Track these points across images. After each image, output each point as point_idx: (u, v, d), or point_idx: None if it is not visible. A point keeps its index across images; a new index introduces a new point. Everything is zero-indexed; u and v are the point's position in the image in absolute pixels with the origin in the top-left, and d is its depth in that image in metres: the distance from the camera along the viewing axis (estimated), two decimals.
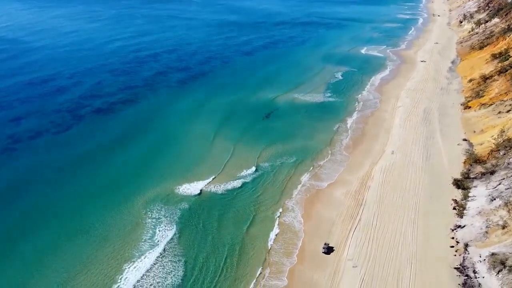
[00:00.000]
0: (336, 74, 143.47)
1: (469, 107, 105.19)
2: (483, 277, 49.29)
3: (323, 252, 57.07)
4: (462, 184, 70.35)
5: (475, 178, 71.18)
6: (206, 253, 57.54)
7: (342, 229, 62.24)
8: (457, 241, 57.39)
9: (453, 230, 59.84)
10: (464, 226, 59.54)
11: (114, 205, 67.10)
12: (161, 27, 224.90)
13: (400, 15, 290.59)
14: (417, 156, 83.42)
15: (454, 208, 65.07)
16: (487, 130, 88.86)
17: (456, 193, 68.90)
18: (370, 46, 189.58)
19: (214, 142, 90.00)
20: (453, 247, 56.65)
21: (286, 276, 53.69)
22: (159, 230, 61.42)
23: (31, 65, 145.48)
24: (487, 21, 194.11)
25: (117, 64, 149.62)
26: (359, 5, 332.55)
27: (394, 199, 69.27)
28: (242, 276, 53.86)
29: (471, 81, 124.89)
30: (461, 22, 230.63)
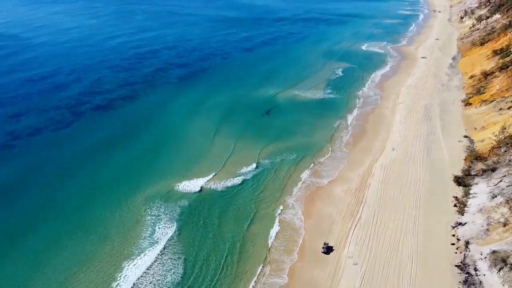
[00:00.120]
0: (337, 71, 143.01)
1: (470, 104, 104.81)
2: (484, 275, 49.13)
3: (323, 252, 56.79)
4: (463, 181, 70.13)
5: (476, 175, 70.93)
6: (207, 251, 57.44)
7: (343, 227, 62.08)
8: (458, 239, 57.19)
9: (454, 228, 59.64)
10: (465, 224, 59.32)
11: (114, 203, 66.94)
12: (161, 23, 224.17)
13: (401, 11, 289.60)
14: (418, 153, 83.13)
15: (455, 205, 64.82)
16: (488, 127, 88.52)
17: (457, 190, 68.65)
18: (371, 43, 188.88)
19: (214, 139, 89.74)
20: (454, 245, 56.46)
21: (287, 274, 53.61)
22: (159, 228, 61.27)
23: (31, 62, 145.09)
24: (488, 17, 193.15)
25: (117, 61, 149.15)
26: (360, 1, 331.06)
27: (395, 196, 69.06)
28: (243, 274, 53.76)
29: (472, 78, 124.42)
30: (462, 18, 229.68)
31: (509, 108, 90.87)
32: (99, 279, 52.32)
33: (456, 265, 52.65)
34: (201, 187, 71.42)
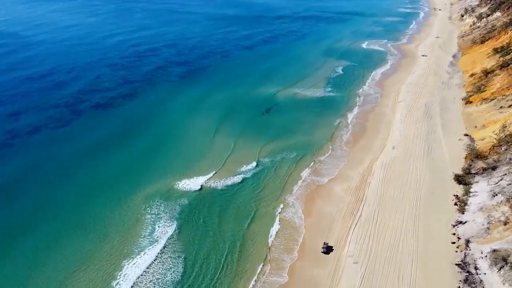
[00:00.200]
0: (337, 69, 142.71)
1: (471, 102, 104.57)
2: (485, 274, 49.03)
3: (322, 252, 56.55)
4: (464, 180, 69.98)
5: (477, 174, 70.79)
6: (207, 249, 57.32)
7: (343, 226, 61.97)
8: (459, 237, 57.09)
9: (455, 226, 59.52)
10: (466, 222, 59.20)
11: (114, 201, 66.79)
12: (161, 21, 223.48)
13: (401, 9, 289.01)
14: (418, 152, 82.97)
15: (456, 204, 64.70)
16: (489, 125, 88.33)
17: (458, 189, 68.52)
18: (371, 40, 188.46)
19: (215, 137, 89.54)
20: (455, 243, 56.35)
21: (287, 273, 53.51)
22: (159, 226, 61.14)
23: (30, 60, 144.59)
24: (489, 15, 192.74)
25: (116, 59, 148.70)
26: None
27: (395, 195, 68.93)
28: (243, 273, 53.68)
29: (473, 76, 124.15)
30: (463, 16, 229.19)
31: (510, 106, 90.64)
32: (99, 278, 52.24)
33: (457, 264, 52.54)
34: (201, 186, 71.27)
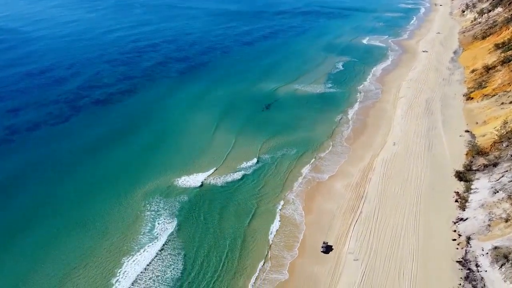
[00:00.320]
0: (337, 65, 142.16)
1: (472, 98, 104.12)
2: (486, 271, 48.87)
3: (322, 251, 55.89)
4: (465, 176, 69.74)
5: (478, 170, 70.52)
6: (207, 247, 57.12)
7: (343, 222, 61.76)
8: (459, 234, 56.89)
9: (455, 223, 59.32)
10: (467, 219, 59.00)
11: (114, 198, 66.57)
12: (161, 17, 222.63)
13: (402, 5, 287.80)
14: (419, 148, 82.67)
15: (456, 201, 64.47)
16: (490, 122, 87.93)
17: (458, 186, 68.29)
18: (372, 36, 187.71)
19: (215, 134, 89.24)
20: (455, 240, 56.16)
21: (287, 270, 53.36)
22: (159, 223, 60.93)
23: (29, 56, 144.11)
24: (490, 11, 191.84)
25: (116, 55, 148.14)
26: None
27: (396, 191, 68.70)
28: (243, 270, 53.50)
29: (474, 72, 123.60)
30: (464, 12, 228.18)
31: (511, 103, 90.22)
32: (99, 275, 52.08)
33: (457, 261, 52.37)
34: (202, 182, 71.01)
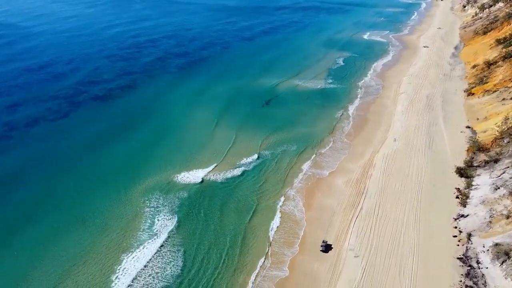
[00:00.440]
0: (338, 60, 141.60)
1: (473, 94, 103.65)
2: (487, 268, 48.68)
3: (321, 251, 55.26)
4: (465, 173, 69.43)
5: (479, 167, 70.21)
6: (207, 243, 56.88)
7: (343, 219, 61.50)
8: (460, 231, 56.66)
9: (456, 220, 59.09)
10: (467, 216, 58.76)
11: (114, 194, 66.34)
12: (160, 12, 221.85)
13: (403, 0, 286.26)
14: (420, 144, 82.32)
15: (457, 197, 64.22)
16: (491, 117, 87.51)
17: (459, 182, 68.01)
18: (373, 31, 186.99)
19: (215, 130, 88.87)
20: (456, 237, 55.93)
21: (287, 266, 53.16)
22: (159, 220, 60.67)
23: (29, 51, 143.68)
24: (491, 6, 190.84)
25: (116, 50, 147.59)
26: None
27: (396, 188, 68.41)
28: (243, 266, 53.29)
29: (475, 67, 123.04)
30: (465, 7, 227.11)
31: None
32: (98, 271, 51.87)
33: (458, 258, 52.17)
34: (202, 179, 70.71)
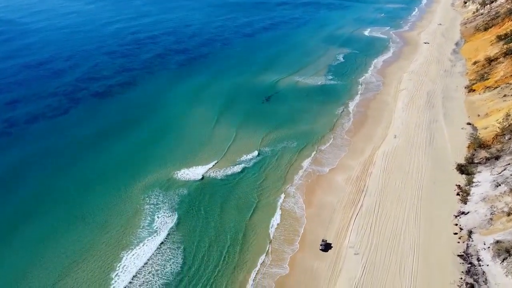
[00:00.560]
0: (338, 56, 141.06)
1: (474, 90, 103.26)
2: (487, 265, 48.56)
3: (321, 250, 55.05)
4: (466, 169, 69.22)
5: (480, 163, 70.00)
6: (208, 240, 56.84)
7: (344, 216, 61.38)
8: (461, 228, 56.52)
9: (457, 217, 58.92)
10: (468, 213, 58.60)
11: (113, 191, 66.24)
12: (160, 8, 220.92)
13: None
14: (420, 141, 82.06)
15: (458, 194, 64.03)
16: (492, 114, 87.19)
17: (460, 179, 67.79)
18: (373, 28, 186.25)
19: (216, 127, 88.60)
20: (457, 234, 55.80)
21: (288, 264, 53.07)
22: (158, 217, 60.59)
23: (28, 47, 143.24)
24: (492, 2, 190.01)
25: (115, 46, 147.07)
26: None
27: (397, 185, 68.23)
28: (243, 264, 53.25)
29: (476, 64, 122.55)
30: (466, 3, 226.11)
31: None
32: (98, 269, 51.85)
33: (459, 255, 52.06)
34: (202, 176, 70.58)
